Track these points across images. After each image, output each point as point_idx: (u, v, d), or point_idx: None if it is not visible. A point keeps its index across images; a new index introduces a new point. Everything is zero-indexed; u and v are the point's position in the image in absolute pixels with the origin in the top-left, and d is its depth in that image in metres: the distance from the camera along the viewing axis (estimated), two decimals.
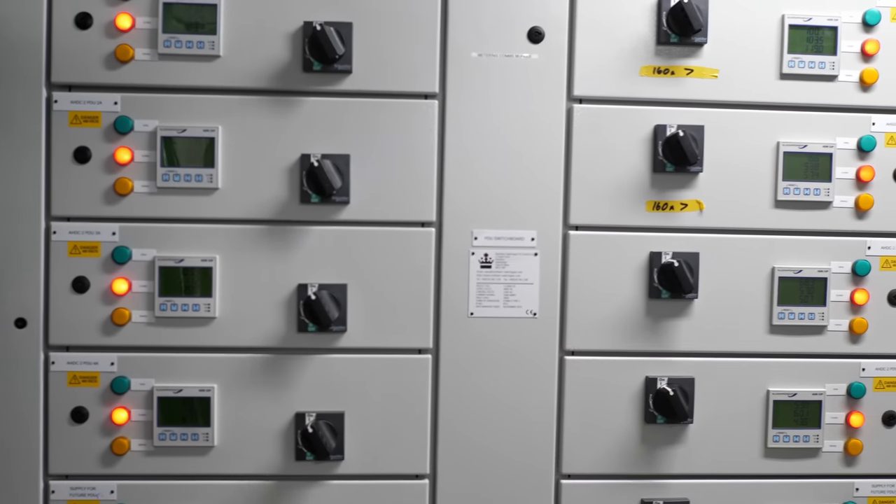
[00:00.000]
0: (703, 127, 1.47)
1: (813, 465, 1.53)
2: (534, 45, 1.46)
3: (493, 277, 1.47)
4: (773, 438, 1.51)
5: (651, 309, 1.49)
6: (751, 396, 1.51)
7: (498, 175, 1.46)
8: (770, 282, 1.50)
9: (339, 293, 1.44)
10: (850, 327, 1.51)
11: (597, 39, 1.46)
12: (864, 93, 1.50)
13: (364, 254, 1.45)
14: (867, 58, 1.50)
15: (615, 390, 1.49)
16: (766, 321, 1.50)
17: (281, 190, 1.44)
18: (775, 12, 1.48)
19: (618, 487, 1.51)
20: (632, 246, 1.48)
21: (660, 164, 1.47)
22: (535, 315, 1.47)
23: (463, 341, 1.47)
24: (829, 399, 1.51)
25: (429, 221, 1.46)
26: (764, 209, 1.50)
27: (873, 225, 1.51)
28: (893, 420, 1.53)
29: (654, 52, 1.47)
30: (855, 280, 1.51)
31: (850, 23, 1.49)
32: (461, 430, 1.48)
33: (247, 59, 1.42)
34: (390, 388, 1.46)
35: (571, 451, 1.49)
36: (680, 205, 1.49)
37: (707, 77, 1.48)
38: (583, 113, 1.47)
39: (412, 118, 1.45)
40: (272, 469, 1.46)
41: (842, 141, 1.50)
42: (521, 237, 1.47)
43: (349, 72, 1.43)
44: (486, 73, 1.45)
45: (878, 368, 1.52)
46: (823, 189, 1.49)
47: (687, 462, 1.51)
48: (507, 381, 1.48)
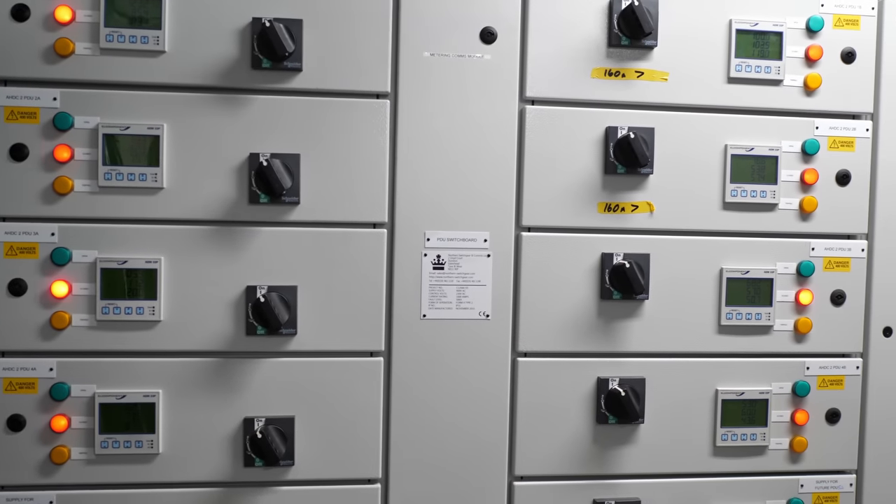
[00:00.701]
0: (653, 129, 1.48)
1: (760, 463, 1.55)
2: (486, 46, 1.45)
3: (446, 279, 1.46)
4: (721, 437, 1.53)
5: (603, 310, 1.50)
6: (700, 396, 1.53)
7: (450, 176, 1.45)
8: (718, 282, 1.52)
9: (289, 295, 1.41)
10: (795, 327, 1.54)
11: (549, 41, 1.46)
12: (808, 97, 1.53)
13: (315, 255, 1.43)
14: (811, 63, 1.53)
15: (567, 391, 1.49)
16: (715, 321, 1.53)
17: (229, 190, 1.40)
18: (723, 17, 1.50)
19: (570, 488, 1.51)
20: (584, 247, 1.49)
21: (611, 165, 1.48)
22: (487, 316, 1.47)
23: (415, 343, 1.46)
24: (775, 398, 1.54)
25: (380, 222, 1.45)
26: (712, 211, 1.52)
27: (817, 227, 1.54)
28: (836, 417, 1.56)
29: (606, 54, 1.48)
30: (799, 281, 1.54)
31: (794, 28, 1.52)
32: (414, 433, 1.46)
33: (193, 55, 1.39)
34: (342, 392, 1.44)
35: (524, 452, 1.49)
36: (631, 206, 1.50)
37: (657, 80, 1.49)
38: (535, 114, 1.47)
39: (364, 118, 1.43)
40: (220, 476, 1.42)
41: (787, 144, 1.53)
42: (473, 238, 1.46)
43: (299, 70, 1.40)
44: (439, 72, 1.44)
45: (821, 367, 1.56)
46: (769, 191, 1.52)
47: (638, 462, 1.52)
48: (460, 383, 1.47)
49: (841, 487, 1.58)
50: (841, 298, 1.55)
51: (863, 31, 1.54)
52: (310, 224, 1.43)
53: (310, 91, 1.42)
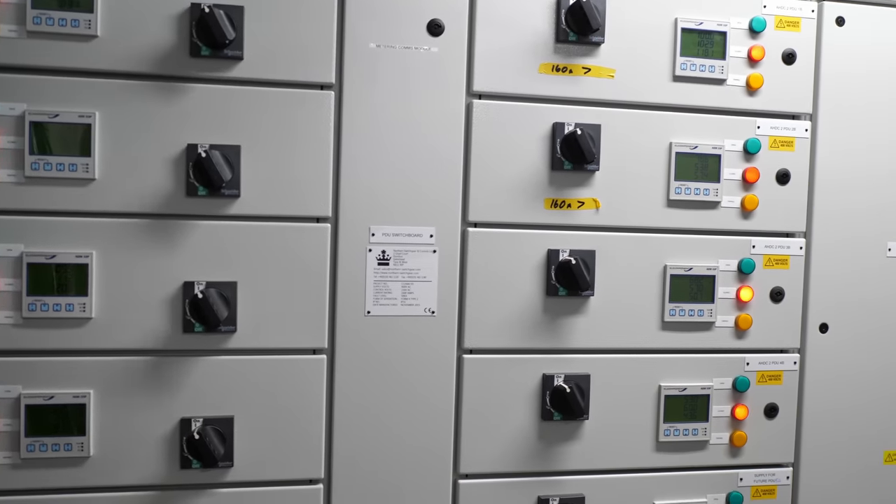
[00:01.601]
0: (599, 126, 1.48)
1: (701, 458, 1.57)
2: (433, 38, 1.43)
3: (391, 275, 1.43)
4: (664, 432, 1.54)
5: (548, 306, 1.49)
6: (644, 392, 1.54)
7: (396, 170, 1.43)
8: (662, 279, 1.53)
9: (229, 291, 1.37)
10: (736, 323, 1.56)
11: (497, 35, 1.45)
12: (750, 97, 1.55)
13: (256, 250, 1.38)
14: (753, 63, 1.55)
15: (513, 388, 1.49)
16: (659, 318, 1.54)
17: (165, 182, 1.35)
18: (669, 15, 1.51)
19: (515, 485, 1.50)
20: (530, 243, 1.48)
21: (558, 161, 1.47)
22: (433, 313, 1.45)
23: (359, 341, 1.43)
24: (716, 393, 1.56)
25: (324, 217, 1.41)
26: (657, 208, 1.53)
27: (758, 224, 1.57)
28: (774, 412, 1.59)
29: (554, 49, 1.47)
30: (740, 278, 1.57)
31: (738, 29, 1.54)
32: (357, 432, 1.43)
33: (128, 40, 1.33)
34: (283, 390, 1.40)
35: (469, 450, 1.48)
36: (577, 203, 1.50)
37: (604, 76, 1.49)
38: (482, 108, 1.45)
39: (307, 109, 1.39)
40: (155, 479, 1.37)
41: (729, 143, 1.54)
42: (419, 234, 1.44)
43: (240, 58, 1.36)
44: (385, 64, 1.41)
45: (760, 363, 1.58)
46: (712, 189, 1.54)
47: (583, 458, 1.52)
48: (405, 381, 1.45)
49: (778, 480, 1.61)
50: (780, 295, 1.58)
51: (803, 32, 1.57)
52: (250, 218, 1.38)
53: (251, 81, 1.37)
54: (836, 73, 1.59)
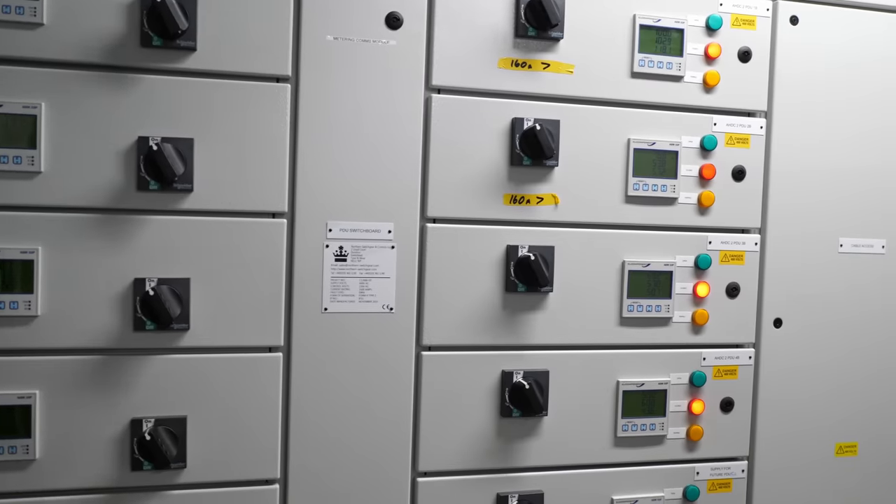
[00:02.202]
0: (558, 121, 1.48)
1: (658, 452, 1.58)
2: (392, 31, 1.41)
3: (349, 271, 1.41)
4: (622, 428, 1.55)
5: (507, 302, 1.49)
6: (602, 387, 1.54)
7: (354, 165, 1.41)
8: (620, 275, 1.54)
9: (182, 288, 1.33)
10: (693, 318, 1.58)
11: (456, 29, 1.44)
12: (707, 94, 1.57)
13: (209, 246, 1.35)
14: (710, 60, 1.56)
15: (472, 385, 1.48)
16: (617, 313, 1.54)
17: (115, 175, 1.31)
18: (627, 12, 1.51)
19: (474, 483, 1.49)
20: (489, 239, 1.47)
21: (517, 157, 1.46)
22: (391, 310, 1.43)
23: (316, 338, 1.40)
24: (673, 388, 1.57)
25: (280, 212, 1.38)
26: (615, 204, 1.53)
27: (714, 221, 1.58)
28: (730, 406, 1.61)
29: (513, 44, 1.47)
30: (697, 273, 1.58)
31: (695, 26, 1.55)
32: (314, 431, 1.41)
33: (76, 29, 1.28)
34: (238, 389, 1.37)
35: (428, 448, 1.46)
36: (536, 198, 1.49)
37: (563, 72, 1.49)
38: (441, 103, 1.44)
39: (263, 102, 1.36)
40: (104, 482, 1.33)
41: (687, 139, 1.56)
42: (377, 229, 1.42)
43: (193, 49, 1.32)
44: (343, 57, 1.39)
45: (717, 357, 1.60)
46: (670, 185, 1.55)
47: (541, 454, 1.52)
48: (363, 379, 1.43)
49: (734, 474, 1.63)
50: (735, 291, 1.60)
51: (758, 31, 1.59)
52: (204, 213, 1.35)
53: (205, 72, 1.34)
54: (791, 72, 1.61)
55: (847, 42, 1.64)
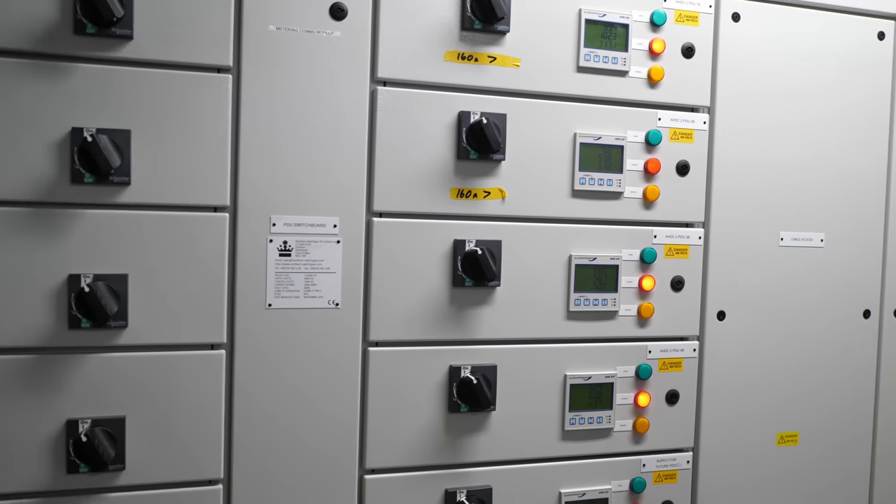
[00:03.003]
0: (505, 115, 1.48)
1: (606, 445, 1.59)
2: (336, 22, 1.39)
3: (293, 266, 1.38)
4: (570, 421, 1.55)
5: (455, 297, 1.48)
6: (550, 381, 1.54)
7: (298, 158, 1.38)
8: (567, 269, 1.54)
9: (119, 284, 1.29)
10: (639, 312, 1.59)
11: (402, 21, 1.42)
12: (651, 89, 1.58)
13: (148, 241, 1.31)
14: (654, 56, 1.57)
15: (420, 381, 1.46)
16: (564, 307, 1.54)
17: (47, 167, 1.26)
18: (573, 6, 1.52)
19: (422, 479, 1.48)
20: (436, 233, 1.46)
21: (464, 151, 1.46)
22: (337, 305, 1.41)
23: (260, 335, 1.38)
24: (620, 381, 1.58)
25: (222, 206, 1.35)
26: (562, 198, 1.53)
27: (659, 215, 1.60)
28: (675, 398, 1.63)
29: (459, 37, 1.46)
30: (643, 267, 1.59)
31: (639, 22, 1.56)
32: (259, 429, 1.38)
33: (5, 14, 1.23)
34: (180, 388, 1.34)
35: (376, 444, 1.45)
36: (483, 192, 1.49)
37: (510, 66, 1.49)
38: (387, 96, 1.42)
39: (203, 93, 1.33)
40: (39, 485, 1.28)
41: (632, 134, 1.57)
42: (322, 224, 1.40)
43: (129, 37, 1.28)
44: (286, 48, 1.36)
45: (662, 350, 1.62)
46: (616, 180, 1.55)
47: (490, 449, 1.51)
48: (309, 376, 1.40)
49: (679, 465, 1.65)
50: (680, 284, 1.61)
51: (701, 27, 1.61)
52: (142, 207, 1.31)
53: (142, 62, 1.30)
54: (733, 67, 1.63)
55: (786, 38, 1.67)
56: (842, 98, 1.72)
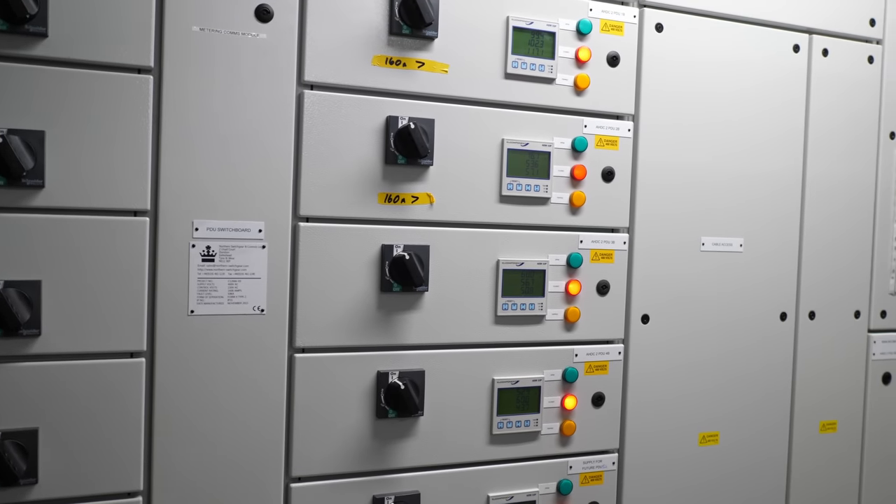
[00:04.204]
0: (433, 120, 1.48)
1: (533, 448, 1.60)
2: (262, 24, 1.37)
3: (217, 272, 1.36)
4: (497, 425, 1.56)
5: (383, 302, 1.47)
6: (478, 386, 1.55)
7: (222, 161, 1.35)
8: (495, 274, 1.55)
9: (31, 291, 1.24)
10: (565, 316, 1.61)
11: (329, 24, 1.41)
12: (577, 96, 1.60)
13: (63, 246, 1.27)
14: (581, 64, 1.60)
15: (347, 387, 1.45)
16: (492, 312, 1.55)
17: None
18: (501, 13, 1.53)
19: (349, 486, 1.47)
20: (364, 238, 1.45)
21: (392, 155, 1.45)
22: (262, 311, 1.39)
23: (182, 342, 1.34)
24: (547, 384, 1.60)
25: (142, 210, 1.32)
26: (490, 203, 1.54)
27: (585, 220, 1.62)
28: (601, 401, 1.65)
29: (387, 42, 1.45)
30: (569, 272, 1.61)
31: (566, 30, 1.58)
32: (181, 439, 1.35)
33: None
34: (97, 398, 1.29)
35: (302, 452, 1.43)
36: (411, 197, 1.48)
37: (438, 71, 1.49)
38: (314, 99, 1.41)
39: (123, 94, 1.29)
40: None
41: (558, 141, 1.59)
42: (247, 228, 1.37)
43: (44, 35, 1.23)
44: (210, 49, 1.34)
45: (588, 354, 1.64)
46: (543, 185, 1.57)
47: (418, 454, 1.51)
48: (233, 384, 1.38)
49: (605, 466, 1.67)
50: (605, 288, 1.64)
51: (626, 37, 1.64)
52: (57, 210, 1.27)
53: (57, 60, 1.26)
54: (656, 76, 1.67)
55: (707, 49, 1.72)
56: (760, 107, 1.78)
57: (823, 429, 1.90)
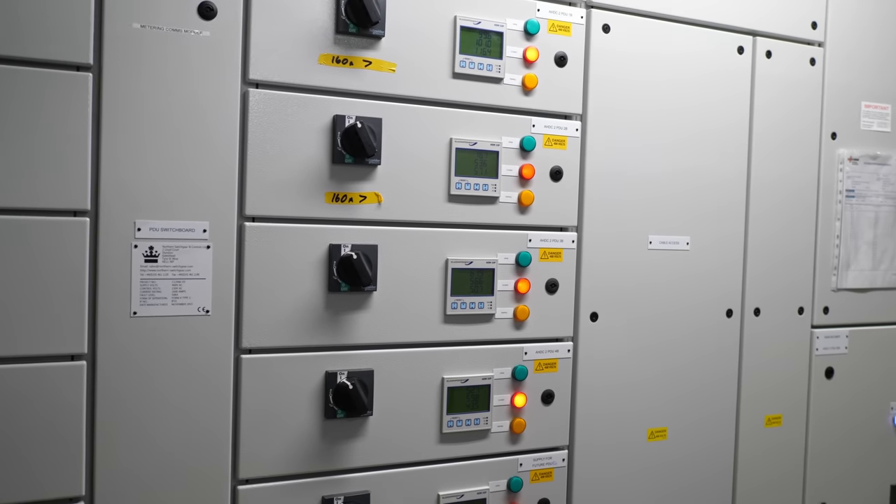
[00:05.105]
0: (381, 120, 1.48)
1: (483, 446, 1.61)
2: (206, 22, 1.35)
3: (160, 272, 1.34)
4: (447, 424, 1.57)
5: (331, 302, 1.46)
6: (427, 385, 1.55)
7: (166, 161, 1.34)
8: (444, 273, 1.55)
9: None
10: (515, 315, 1.62)
11: (275, 22, 1.40)
12: (525, 96, 1.61)
13: (0, 247, 1.24)
14: (528, 64, 1.61)
15: (295, 388, 1.44)
16: (441, 311, 1.56)
17: None
18: (449, 13, 1.53)
19: (298, 487, 1.46)
20: (311, 238, 1.44)
21: (339, 155, 1.45)
22: (208, 312, 1.37)
23: (125, 344, 1.32)
24: (496, 382, 1.61)
25: (82, 210, 1.29)
26: (439, 203, 1.54)
27: (534, 219, 1.63)
28: (551, 398, 1.67)
29: (334, 40, 1.45)
30: (518, 270, 1.62)
31: (514, 30, 1.59)
32: (125, 442, 1.33)
33: None
34: (36, 402, 1.27)
35: (249, 454, 1.42)
36: (359, 197, 1.48)
37: (385, 70, 1.49)
38: (259, 98, 1.40)
39: (62, 92, 1.26)
40: None
41: (507, 140, 1.60)
42: (191, 228, 1.36)
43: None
44: (152, 47, 1.32)
45: (538, 352, 1.65)
46: (491, 185, 1.58)
47: (368, 454, 1.51)
48: (178, 386, 1.36)
49: (555, 463, 1.69)
50: (554, 287, 1.66)
51: (573, 37, 1.66)
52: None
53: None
54: (603, 77, 1.69)
55: (654, 50, 1.74)
56: (705, 107, 1.81)
57: (769, 423, 1.94)
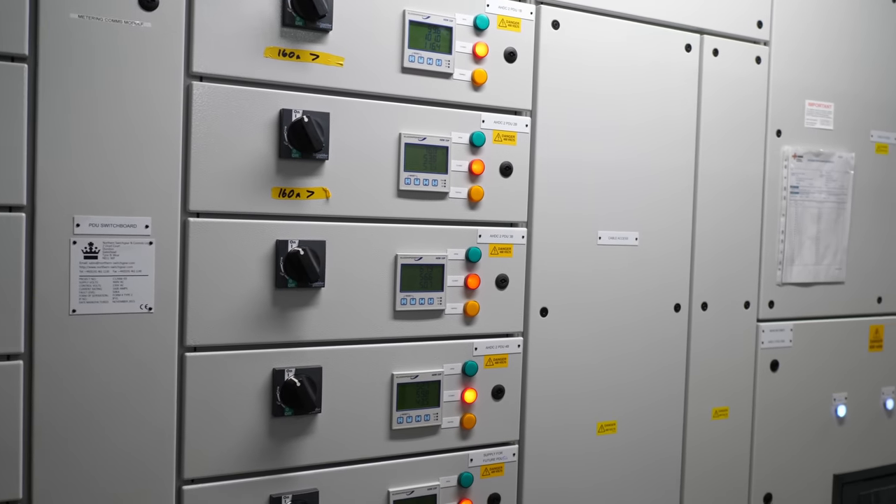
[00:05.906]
0: (328, 114, 1.46)
1: (433, 442, 1.61)
2: (147, 13, 1.32)
3: (101, 269, 1.31)
4: (397, 420, 1.56)
5: (278, 299, 1.45)
6: (377, 381, 1.54)
7: (106, 155, 1.30)
8: (394, 269, 1.54)
9: None
10: (465, 310, 1.62)
11: (219, 14, 1.37)
12: (475, 91, 1.61)
13: None
14: (478, 59, 1.61)
15: (241, 386, 1.42)
16: (391, 307, 1.55)
17: None
18: (398, 7, 1.52)
19: (246, 486, 1.44)
20: (257, 234, 1.42)
21: (285, 149, 1.43)
22: (150, 310, 1.34)
23: (64, 343, 1.29)
24: (446, 378, 1.61)
25: (17, 205, 1.25)
26: (387, 198, 1.53)
27: (483, 215, 1.63)
28: (501, 393, 1.67)
29: (280, 33, 1.43)
30: (468, 266, 1.62)
31: (463, 25, 1.59)
32: (64, 444, 1.29)
33: None
34: None
35: (195, 454, 1.39)
36: (306, 192, 1.46)
37: (333, 64, 1.47)
38: (203, 91, 1.37)
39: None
40: None
41: (456, 135, 1.59)
42: (133, 224, 1.33)
43: None
44: (90, 38, 1.28)
45: (488, 347, 1.65)
46: (441, 180, 1.58)
47: (316, 452, 1.49)
48: (120, 385, 1.33)
49: (505, 458, 1.69)
50: (504, 282, 1.66)
51: (523, 33, 1.66)
52: None
53: None
54: (553, 72, 1.70)
55: (602, 46, 1.75)
56: (653, 103, 1.83)
57: (716, 415, 1.97)
